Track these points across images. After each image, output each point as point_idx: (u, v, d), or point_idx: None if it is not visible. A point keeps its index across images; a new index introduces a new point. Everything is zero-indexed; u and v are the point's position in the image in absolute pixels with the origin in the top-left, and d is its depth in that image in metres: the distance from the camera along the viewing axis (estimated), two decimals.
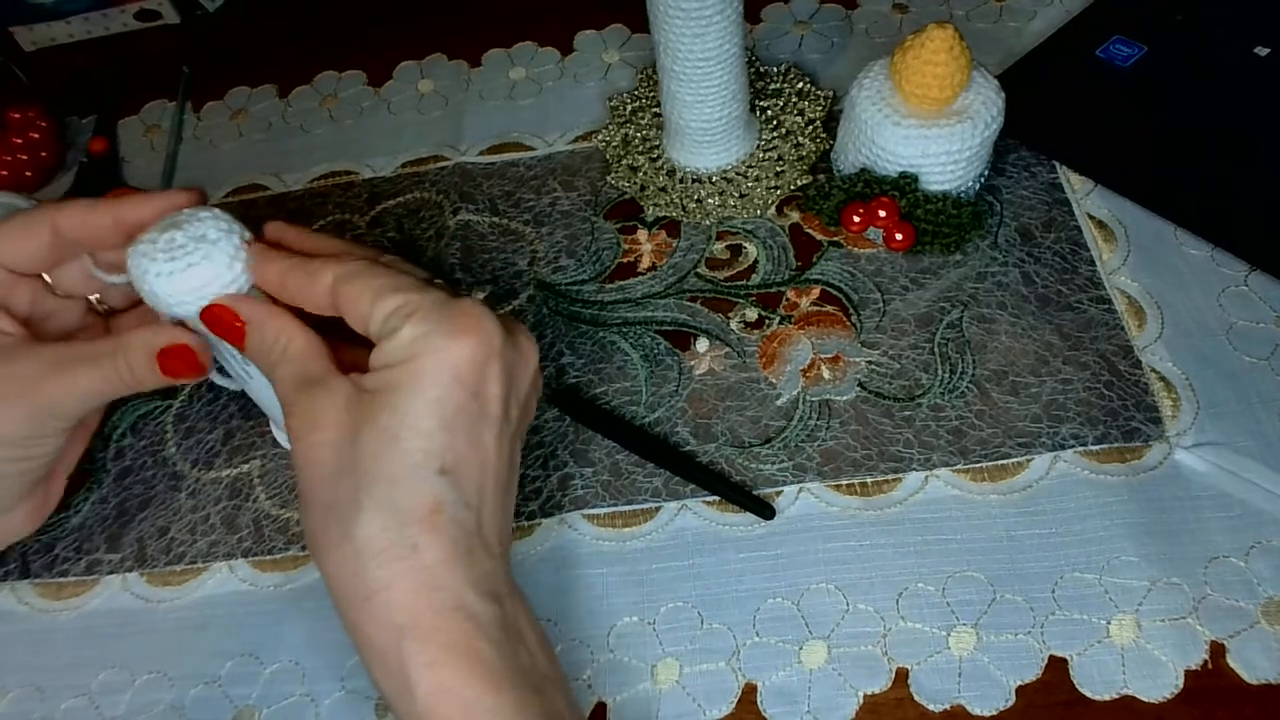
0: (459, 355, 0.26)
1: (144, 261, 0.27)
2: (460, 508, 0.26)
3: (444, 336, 0.26)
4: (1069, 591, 0.32)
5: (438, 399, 0.26)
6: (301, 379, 0.27)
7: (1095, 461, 0.34)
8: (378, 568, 0.25)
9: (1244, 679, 0.30)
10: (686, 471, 0.35)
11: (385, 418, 0.26)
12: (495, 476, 0.27)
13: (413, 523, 0.25)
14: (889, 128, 0.38)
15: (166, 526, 0.38)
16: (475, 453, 0.27)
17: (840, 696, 0.31)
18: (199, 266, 0.27)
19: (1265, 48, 0.43)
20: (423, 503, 0.25)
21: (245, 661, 0.34)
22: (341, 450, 0.26)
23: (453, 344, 0.26)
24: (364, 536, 0.25)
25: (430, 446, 0.26)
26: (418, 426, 0.26)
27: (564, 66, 0.51)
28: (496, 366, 0.27)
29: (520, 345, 0.29)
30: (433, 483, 0.26)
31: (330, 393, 0.27)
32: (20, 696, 0.35)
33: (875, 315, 0.39)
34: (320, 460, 0.26)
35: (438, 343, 0.26)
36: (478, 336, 0.27)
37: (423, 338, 0.26)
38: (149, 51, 0.57)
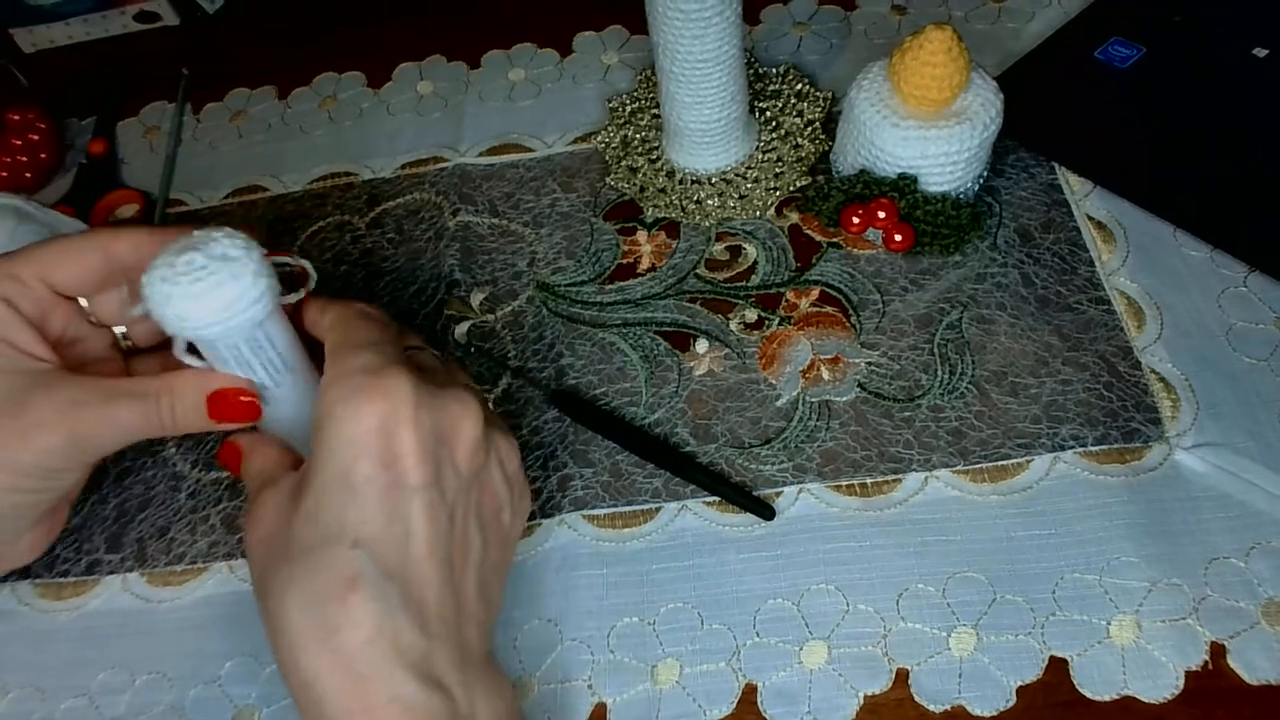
0: (360, 425, 0.25)
1: (164, 286, 0.26)
2: (381, 582, 0.24)
3: (347, 406, 0.25)
4: (1069, 592, 0.32)
5: (342, 473, 0.25)
6: (260, 483, 0.28)
7: (1095, 462, 0.34)
8: (305, 656, 0.24)
9: (1244, 680, 0.30)
10: (686, 472, 0.35)
11: (308, 499, 0.25)
12: (427, 549, 0.25)
13: (331, 599, 0.24)
14: (888, 129, 0.38)
15: (166, 527, 0.38)
16: (393, 525, 0.25)
17: (840, 697, 0.31)
18: (226, 285, 0.26)
19: (1264, 49, 0.43)
20: (337, 577, 0.24)
21: (245, 662, 0.34)
22: (274, 540, 0.26)
23: (354, 414, 0.25)
24: (288, 622, 0.24)
25: (342, 520, 0.25)
26: (329, 503, 0.25)
27: (563, 68, 0.51)
28: (409, 434, 0.25)
29: (448, 408, 0.27)
30: (345, 556, 0.24)
31: (276, 488, 0.27)
32: (20, 696, 0.35)
33: (875, 316, 0.39)
34: (255, 554, 0.27)
35: (340, 413, 0.25)
36: (382, 403, 0.25)
37: (330, 409, 0.26)
38: (148, 53, 0.57)
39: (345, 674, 0.24)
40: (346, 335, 0.28)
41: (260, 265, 0.28)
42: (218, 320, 0.27)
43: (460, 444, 0.27)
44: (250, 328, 0.27)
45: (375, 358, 0.27)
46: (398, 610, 0.24)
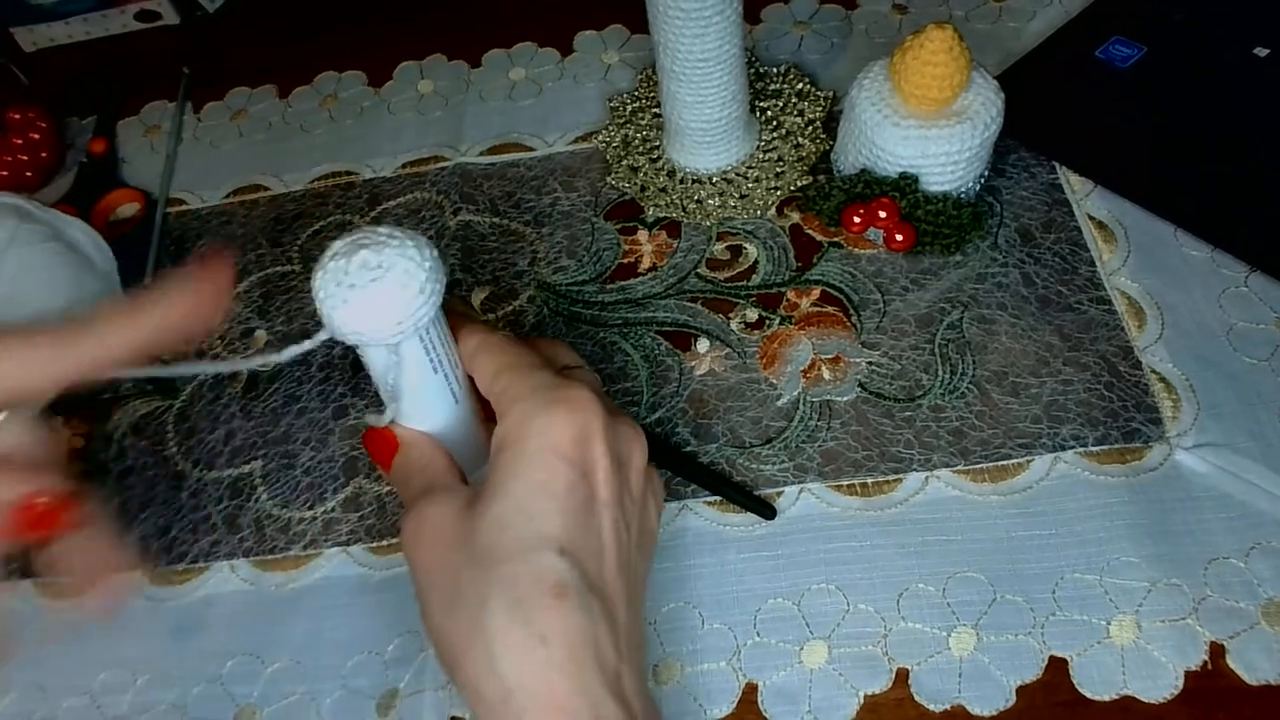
0: (560, 433, 0.25)
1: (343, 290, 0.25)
2: (586, 593, 0.24)
3: (546, 415, 0.25)
4: (1069, 592, 0.32)
5: (544, 480, 0.25)
6: (425, 487, 0.28)
7: (1095, 462, 0.34)
8: (510, 665, 0.23)
9: (1244, 680, 0.30)
10: (688, 471, 0.35)
11: (498, 506, 0.25)
12: (617, 565, 0.25)
13: (539, 609, 0.23)
14: (889, 128, 0.38)
15: (168, 526, 0.38)
16: (591, 537, 0.25)
17: (841, 697, 0.31)
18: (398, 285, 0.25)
19: (1265, 48, 0.43)
20: (545, 586, 0.24)
21: (246, 660, 0.34)
22: (459, 544, 0.25)
23: (553, 422, 0.25)
24: (494, 628, 0.23)
25: (545, 529, 0.24)
26: (530, 509, 0.24)
27: (564, 67, 0.51)
28: (600, 445, 0.25)
29: (625, 434, 0.27)
30: (553, 563, 0.24)
31: (448, 494, 0.27)
32: (22, 695, 0.35)
33: (875, 316, 0.39)
34: (437, 558, 0.26)
35: (539, 423, 0.25)
36: (578, 413, 0.25)
37: (525, 420, 0.26)
38: (149, 52, 0.57)
39: (553, 682, 0.23)
40: (512, 358, 0.27)
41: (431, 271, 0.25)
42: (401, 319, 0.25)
43: (634, 469, 0.27)
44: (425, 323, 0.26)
45: (553, 376, 0.27)
46: (600, 622, 0.24)
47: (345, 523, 0.37)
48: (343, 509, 0.37)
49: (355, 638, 0.34)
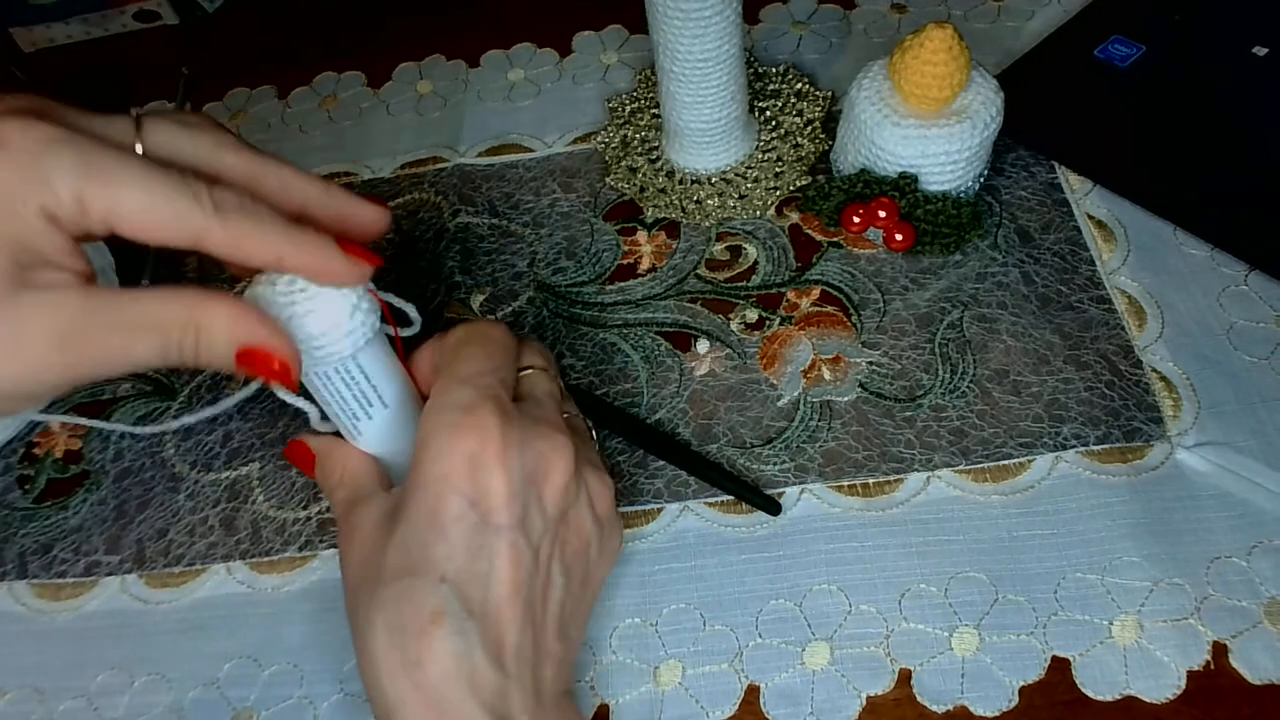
0: (451, 461, 0.25)
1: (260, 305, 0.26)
2: (461, 618, 0.25)
3: (440, 441, 0.26)
4: (1071, 592, 0.32)
5: (432, 509, 0.25)
6: (350, 500, 0.29)
7: (1097, 461, 0.34)
8: (389, 683, 0.25)
9: (1247, 679, 0.30)
10: (692, 466, 0.35)
11: (400, 529, 0.26)
12: (510, 589, 0.26)
13: (414, 632, 0.25)
14: (888, 128, 0.38)
15: (165, 528, 0.38)
16: (476, 563, 0.26)
17: (843, 698, 0.31)
18: (319, 314, 0.26)
19: (1264, 48, 0.43)
20: (422, 610, 0.25)
21: (244, 663, 0.34)
22: (368, 563, 0.26)
23: (446, 449, 0.26)
24: (375, 650, 0.25)
25: (430, 555, 0.25)
26: (421, 536, 0.25)
27: (562, 68, 0.51)
28: (497, 474, 0.26)
29: (538, 448, 0.27)
30: (432, 591, 0.25)
31: (369, 506, 0.28)
32: (18, 698, 0.35)
33: (875, 316, 0.39)
34: (350, 574, 0.27)
35: (434, 448, 0.26)
36: (471, 442, 0.26)
37: (425, 442, 0.26)
38: (148, 52, 0.57)
39: (425, 706, 0.24)
40: (450, 366, 0.28)
41: (359, 298, 0.27)
42: (308, 350, 0.26)
43: (549, 484, 0.27)
44: (341, 359, 0.27)
45: (471, 393, 0.27)
46: (476, 648, 0.25)
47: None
48: None
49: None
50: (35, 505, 0.39)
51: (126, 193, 0.23)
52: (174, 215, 0.24)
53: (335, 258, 0.26)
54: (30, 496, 0.40)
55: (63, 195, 0.23)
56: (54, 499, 0.39)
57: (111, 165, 0.23)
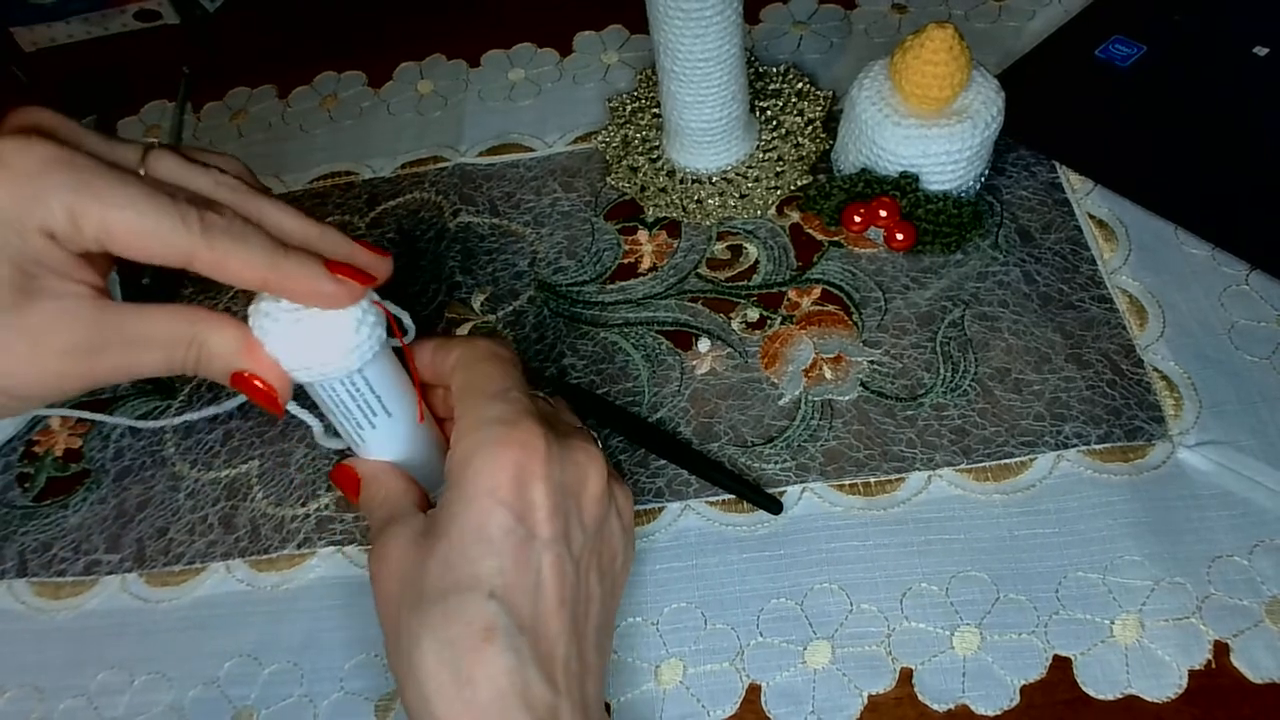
0: (498, 476, 0.25)
1: (265, 322, 0.26)
2: (514, 634, 0.25)
3: (484, 457, 0.26)
4: (1072, 591, 0.32)
5: (480, 525, 0.25)
6: (386, 518, 0.28)
7: (1098, 460, 0.34)
8: (440, 705, 0.24)
9: (1248, 678, 0.30)
10: (694, 465, 0.35)
11: (442, 547, 0.26)
12: (557, 602, 0.26)
13: (466, 651, 0.24)
14: (889, 127, 0.38)
15: (165, 527, 0.38)
16: (525, 576, 0.25)
17: (844, 697, 0.31)
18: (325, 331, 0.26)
19: (1264, 48, 0.43)
20: (474, 628, 0.24)
21: (244, 662, 0.34)
22: (407, 581, 0.26)
23: (491, 464, 0.26)
24: (424, 668, 0.25)
25: (478, 572, 0.25)
26: (467, 553, 0.25)
27: (563, 67, 0.51)
28: (542, 487, 0.26)
29: (577, 462, 0.27)
30: (482, 606, 0.25)
31: (404, 525, 0.27)
32: (18, 696, 0.35)
33: (877, 315, 0.39)
34: (389, 592, 0.27)
35: (478, 464, 0.26)
36: (518, 454, 0.26)
37: (466, 459, 0.26)
38: (149, 51, 0.57)
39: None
40: (475, 380, 0.28)
41: (364, 312, 0.27)
42: (311, 365, 0.26)
43: (586, 496, 0.27)
44: (347, 373, 0.27)
45: (508, 407, 0.27)
46: (529, 663, 0.25)
47: (339, 521, 0.37)
48: (336, 507, 0.37)
49: (353, 639, 0.34)
50: (35, 504, 0.39)
51: (116, 212, 0.24)
52: (161, 235, 0.25)
53: (321, 280, 0.26)
54: (30, 495, 0.40)
55: (57, 213, 0.24)
56: (54, 497, 0.39)
57: (104, 185, 0.24)
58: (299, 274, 0.26)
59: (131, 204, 0.24)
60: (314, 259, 0.26)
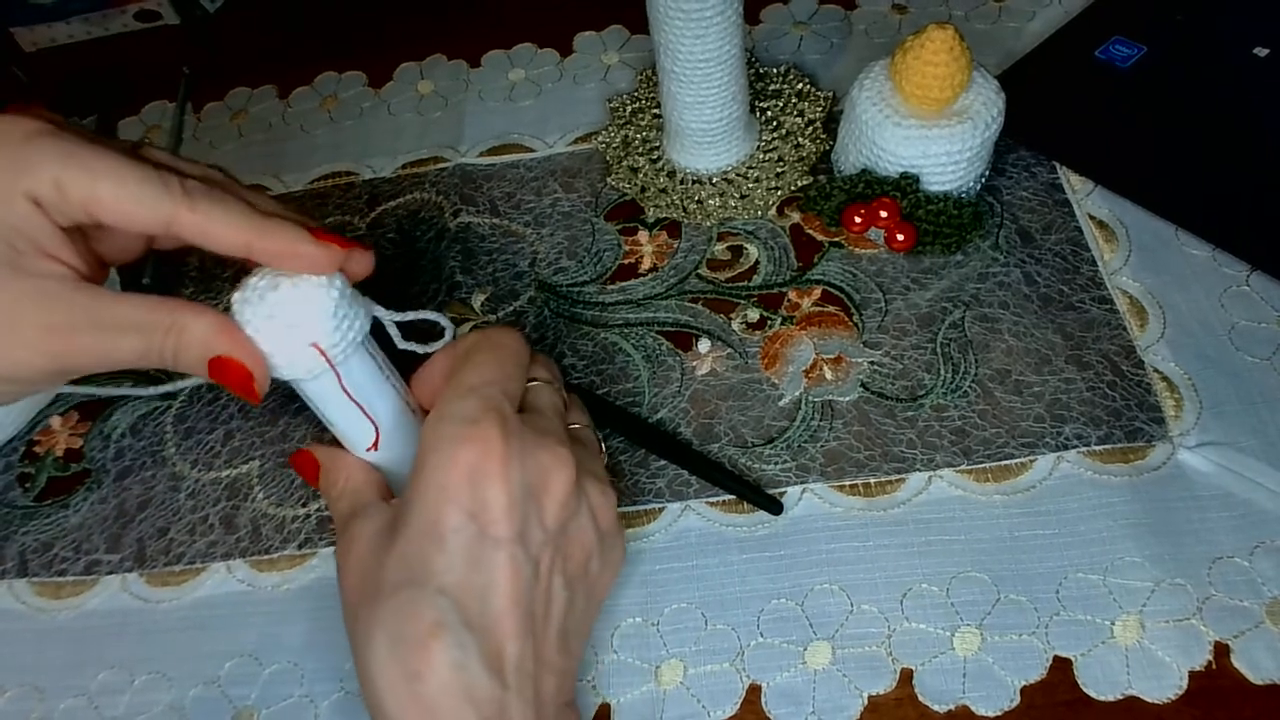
0: (451, 474, 0.25)
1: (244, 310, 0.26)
2: (461, 630, 0.25)
3: (440, 454, 0.26)
4: (1073, 592, 0.32)
5: (432, 520, 0.25)
6: (350, 511, 0.29)
7: (1099, 462, 0.34)
8: (389, 697, 0.25)
9: (1248, 679, 0.30)
10: (694, 466, 0.35)
11: (399, 543, 0.26)
12: (509, 602, 0.26)
13: (413, 644, 0.25)
14: (890, 128, 0.38)
15: (166, 527, 0.38)
16: (477, 575, 0.25)
17: (845, 697, 0.31)
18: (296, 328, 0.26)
19: (1265, 48, 0.43)
20: (421, 623, 0.25)
21: (244, 662, 0.34)
22: (366, 577, 0.26)
23: (446, 461, 0.26)
24: (375, 663, 0.25)
25: (429, 568, 0.25)
26: (418, 548, 0.26)
27: (563, 68, 0.51)
28: (498, 486, 0.26)
29: (541, 462, 0.27)
30: (431, 603, 0.25)
31: (368, 518, 0.28)
32: (18, 695, 0.35)
33: (877, 315, 0.39)
34: (349, 587, 0.27)
35: (434, 460, 0.26)
36: (471, 454, 0.26)
37: (425, 455, 0.26)
38: (149, 52, 0.57)
39: (423, 718, 0.24)
40: (458, 374, 0.28)
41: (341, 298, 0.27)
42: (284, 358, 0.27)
43: (549, 497, 0.27)
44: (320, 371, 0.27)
45: (474, 404, 0.27)
46: (475, 660, 0.25)
47: None
48: None
49: None
50: (36, 503, 0.39)
51: (101, 179, 0.25)
52: (145, 200, 0.25)
53: (304, 242, 0.26)
54: (31, 495, 0.40)
55: (43, 181, 0.25)
56: (55, 497, 0.39)
57: (89, 154, 0.25)
58: (282, 235, 0.26)
59: (115, 170, 0.25)
60: (296, 224, 0.27)
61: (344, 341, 0.27)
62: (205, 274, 0.45)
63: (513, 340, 0.30)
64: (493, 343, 0.29)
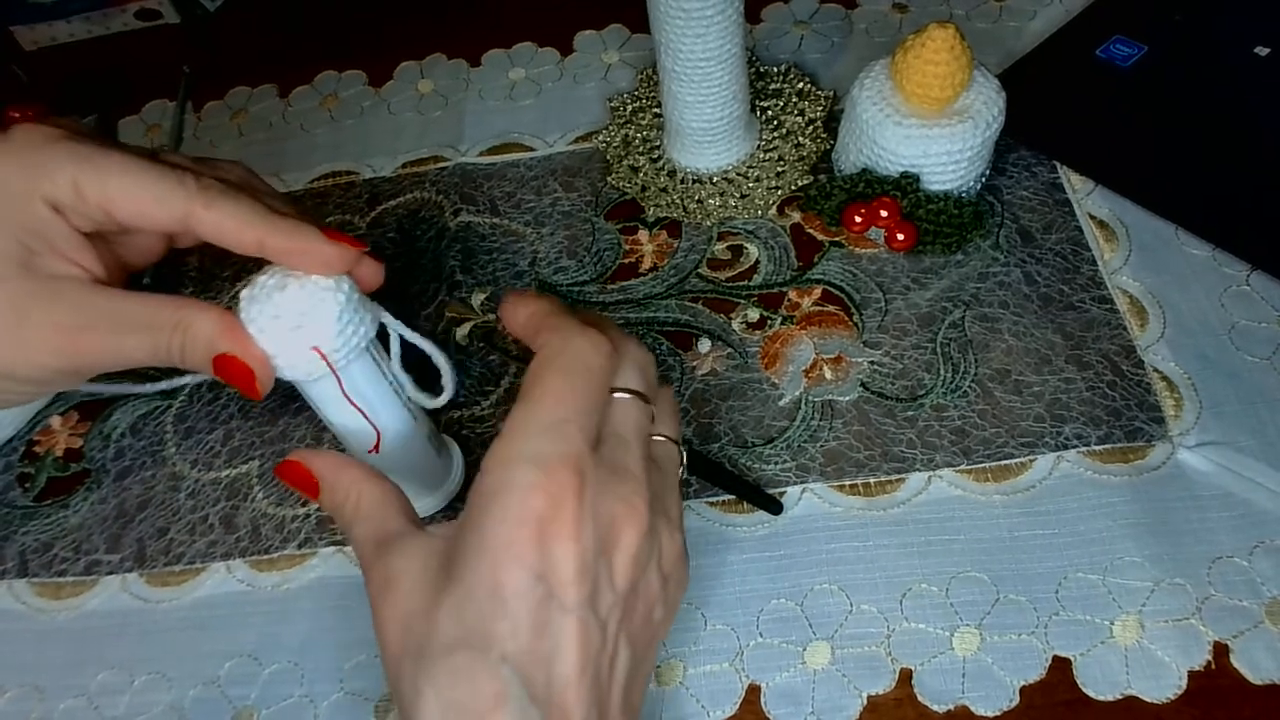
0: (517, 532, 0.23)
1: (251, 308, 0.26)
2: (525, 704, 0.22)
3: (505, 503, 0.23)
4: (1072, 592, 0.32)
5: (495, 580, 0.23)
6: (377, 539, 0.25)
7: (1098, 461, 0.34)
8: None
9: (1248, 679, 0.30)
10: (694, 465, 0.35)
11: (455, 595, 0.23)
12: (577, 671, 0.23)
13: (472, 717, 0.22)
14: (890, 127, 0.38)
15: (166, 527, 0.38)
16: (542, 642, 0.23)
17: (844, 697, 0.31)
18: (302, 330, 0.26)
19: (1265, 48, 0.43)
20: (483, 694, 0.22)
21: (244, 662, 0.34)
22: (413, 626, 0.23)
23: (513, 514, 0.23)
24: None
25: (490, 629, 0.22)
26: (480, 608, 0.23)
27: (564, 67, 0.51)
28: (569, 547, 0.23)
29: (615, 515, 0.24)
30: (493, 671, 0.22)
31: (407, 555, 0.25)
32: (18, 696, 0.35)
33: (877, 315, 0.39)
34: (390, 635, 0.24)
35: (498, 511, 0.23)
36: (544, 506, 0.23)
37: (491, 497, 0.23)
38: (149, 51, 0.57)
39: None
40: (531, 398, 0.24)
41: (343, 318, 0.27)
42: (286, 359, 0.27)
43: (620, 553, 0.24)
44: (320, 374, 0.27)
45: (551, 446, 0.23)
46: None
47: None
48: None
49: (354, 640, 0.34)
50: (36, 504, 0.39)
51: (117, 179, 0.26)
52: (161, 197, 0.26)
53: (317, 240, 0.27)
54: (31, 495, 0.40)
55: (61, 184, 0.26)
56: (54, 497, 0.39)
57: (103, 156, 0.26)
58: (295, 234, 0.27)
59: (131, 170, 0.26)
60: (309, 224, 0.27)
61: (346, 346, 0.27)
62: (205, 274, 0.45)
63: (599, 358, 0.25)
64: (579, 364, 0.25)
